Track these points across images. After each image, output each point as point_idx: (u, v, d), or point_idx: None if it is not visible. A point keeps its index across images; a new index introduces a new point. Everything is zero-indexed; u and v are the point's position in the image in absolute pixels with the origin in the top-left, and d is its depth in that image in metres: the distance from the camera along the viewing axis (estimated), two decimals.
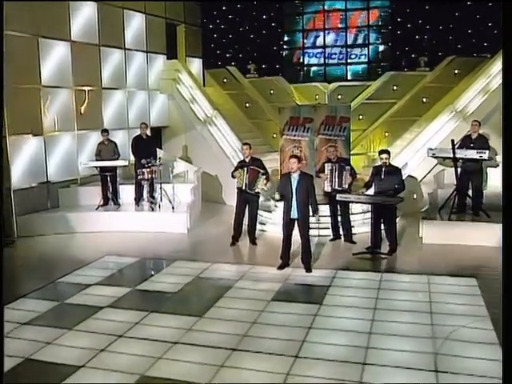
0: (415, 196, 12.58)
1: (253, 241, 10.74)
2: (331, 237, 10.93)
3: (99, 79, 14.02)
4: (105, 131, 12.76)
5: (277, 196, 8.97)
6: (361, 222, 11.43)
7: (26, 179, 12.08)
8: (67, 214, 12.21)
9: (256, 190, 10.44)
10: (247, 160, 10.64)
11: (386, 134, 15.05)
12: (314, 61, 19.04)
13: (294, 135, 12.74)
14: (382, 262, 9.51)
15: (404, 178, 12.76)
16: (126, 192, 13.09)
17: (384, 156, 9.76)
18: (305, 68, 19.13)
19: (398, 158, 13.12)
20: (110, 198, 12.76)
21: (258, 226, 11.23)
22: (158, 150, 13.51)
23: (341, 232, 10.92)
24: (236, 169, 10.68)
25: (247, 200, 10.60)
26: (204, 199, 14.09)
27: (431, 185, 12.28)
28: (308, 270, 8.92)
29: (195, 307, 7.56)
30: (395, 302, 7.47)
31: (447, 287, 8.01)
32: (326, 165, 10.76)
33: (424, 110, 14.93)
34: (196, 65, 18.07)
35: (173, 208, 12.24)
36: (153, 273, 9.11)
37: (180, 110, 15.95)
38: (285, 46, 19.47)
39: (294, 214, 8.84)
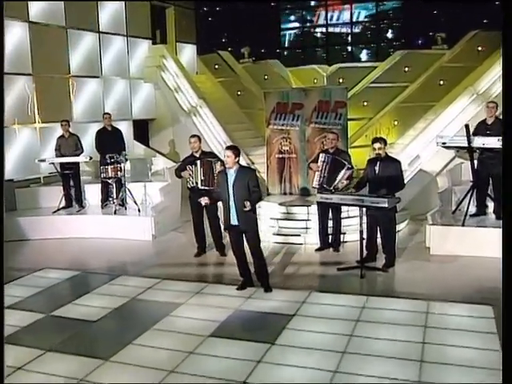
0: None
1: (221, 251, 8.69)
2: (318, 246, 8.80)
3: (66, 66, 12.18)
4: (64, 122, 10.88)
5: (216, 196, 7.09)
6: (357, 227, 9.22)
7: None
8: (18, 218, 10.39)
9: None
10: (198, 155, 8.56)
11: (396, 123, 12.72)
12: (314, 42, 16.77)
13: (282, 124, 10.69)
14: (372, 280, 7.35)
15: (415, 172, 10.66)
16: (94, 193, 11.20)
17: (377, 146, 7.60)
18: (305, 50, 16.88)
19: (409, 148, 10.87)
20: (74, 200, 10.91)
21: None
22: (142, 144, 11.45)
23: (330, 240, 8.77)
24: (182, 167, 8.61)
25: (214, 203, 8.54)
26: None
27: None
28: (267, 289, 6.87)
29: (105, 345, 5.62)
30: (373, 345, 5.31)
31: (453, 320, 5.82)
32: (320, 155, 8.58)
33: (441, 94, 12.52)
34: (188, 51, 16.08)
35: (139, 211, 10.30)
36: (83, 292, 7.15)
37: (166, 100, 14.00)
38: (283, 27, 17.26)
39: (234, 220, 6.79)
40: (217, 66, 15.23)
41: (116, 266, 8.41)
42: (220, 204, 7.31)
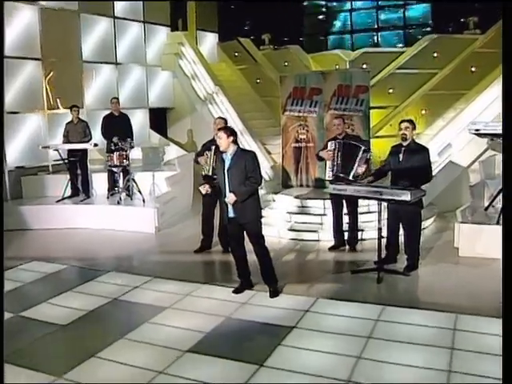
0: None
1: (226, 248, 7.44)
2: (332, 244, 7.47)
3: (78, 51, 11.10)
4: (75, 107, 9.81)
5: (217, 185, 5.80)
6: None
7: None
8: (21, 206, 9.39)
9: None
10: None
11: (424, 112, 11.20)
12: (338, 27, 15.29)
13: (299, 111, 9.37)
14: (391, 285, 6.00)
15: (444, 164, 9.20)
16: (103, 182, 10.08)
17: (404, 125, 6.23)
18: (328, 36, 15.41)
19: (437, 139, 9.41)
20: (80, 189, 9.85)
21: None
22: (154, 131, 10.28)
23: (345, 237, 7.45)
24: (200, 152, 7.42)
25: (217, 194, 7.31)
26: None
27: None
28: (273, 293, 5.59)
29: (63, 357, 4.49)
30: (386, 372, 4.01)
31: (486, 340, 4.45)
32: (329, 143, 7.30)
33: (473, 81, 10.96)
34: (210, 39, 14.84)
35: (144, 202, 9.16)
36: (64, 290, 6.03)
37: (184, 89, 12.83)
38: (306, 12, 15.79)
39: (231, 211, 5.58)
40: (237, 54, 13.95)
41: (109, 260, 7.30)
42: None
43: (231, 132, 5.51)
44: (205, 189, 5.82)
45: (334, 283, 6.00)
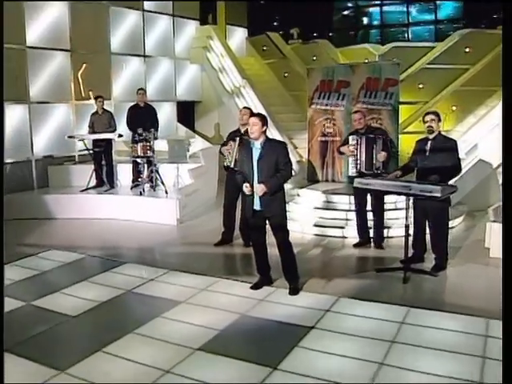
0: None
1: (247, 242, 7.08)
2: (357, 241, 7.03)
3: (107, 43, 10.86)
4: (100, 98, 9.56)
5: (240, 180, 5.31)
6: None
7: (4, 153, 9.16)
8: (46, 195, 9.20)
9: None
10: (243, 131, 6.96)
11: (454, 108, 10.61)
12: (368, 22, 14.69)
13: (326, 104, 8.93)
14: (417, 285, 5.53)
15: (474, 162, 8.65)
16: (128, 172, 9.82)
17: (429, 117, 5.76)
18: (358, 31, 14.83)
19: (468, 135, 8.84)
20: (105, 179, 9.61)
21: None
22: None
23: (371, 235, 6.99)
24: (226, 142, 7.08)
25: (239, 186, 6.92)
26: None
27: None
28: (293, 291, 5.19)
29: (68, 350, 4.16)
30: (411, 379, 3.59)
31: None
32: (350, 137, 6.86)
33: None
34: (239, 34, 14.47)
35: (166, 193, 8.84)
36: (78, 280, 5.74)
37: (212, 82, 12.50)
38: (335, 7, 15.23)
39: (258, 204, 5.18)
40: (265, 48, 13.53)
41: (127, 251, 7.06)
42: None
43: (265, 121, 5.11)
44: (248, 189, 5.17)
45: (358, 282, 5.56)
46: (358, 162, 6.64)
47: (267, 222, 5.23)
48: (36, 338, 4.35)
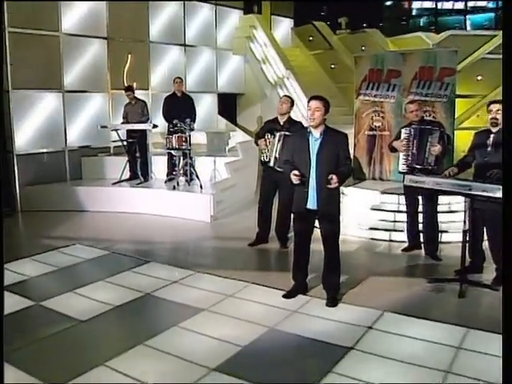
0: None
1: (284, 243, 6.43)
2: (406, 246, 6.27)
3: (146, 31, 10.42)
4: (129, 89, 9.12)
5: (287, 169, 4.60)
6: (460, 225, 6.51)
7: (37, 143, 8.89)
8: (78, 187, 8.84)
9: None
10: (282, 121, 6.31)
11: None
12: (421, 9, 13.67)
13: (375, 95, 8.15)
14: (475, 301, 4.73)
15: None
16: (163, 165, 9.36)
17: (495, 107, 4.94)
18: (409, 19, 13.82)
19: None
20: (139, 171, 9.17)
21: None
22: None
23: (421, 239, 6.20)
24: (261, 133, 6.44)
25: (277, 183, 6.29)
26: None
27: None
28: (331, 302, 4.51)
29: (68, 362, 3.62)
30: None
31: None
32: (403, 130, 6.09)
33: None
34: (284, 24, 13.80)
35: (201, 188, 8.30)
36: (96, 279, 5.25)
37: (254, 73, 11.90)
38: None
39: (313, 203, 4.48)
40: (311, 38, 12.81)
41: (153, 249, 6.53)
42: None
43: (328, 106, 4.46)
44: (296, 178, 4.39)
45: (406, 294, 4.81)
46: (409, 155, 5.87)
47: (317, 223, 4.58)
48: (36, 344, 3.87)
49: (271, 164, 6.16)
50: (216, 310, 4.45)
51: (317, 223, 4.62)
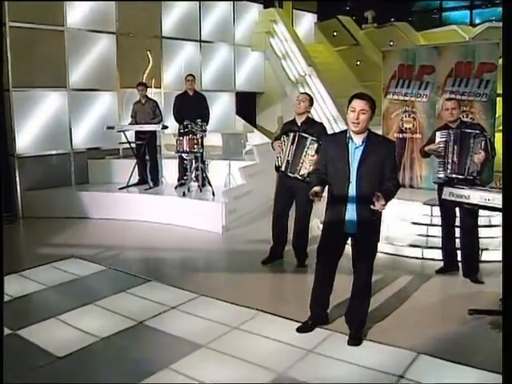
0: None
1: (301, 260, 5.72)
2: (441, 266, 5.48)
3: (158, 26, 9.82)
4: (141, 86, 8.52)
5: (313, 181, 3.81)
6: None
7: (40, 145, 8.36)
8: (81, 193, 8.28)
9: (303, 172, 5.42)
10: (300, 122, 5.61)
11: None
12: (454, 1, 12.76)
13: (405, 94, 7.38)
14: None
15: None
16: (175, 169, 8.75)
17: None
18: (442, 12, 12.92)
19: None
20: (148, 176, 8.57)
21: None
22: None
23: (459, 257, 5.41)
24: (279, 135, 5.77)
25: (292, 191, 5.61)
26: None
27: None
28: (354, 340, 3.78)
29: None
30: None
31: None
32: (437, 133, 5.30)
33: None
34: (307, 19, 13.07)
35: (213, 195, 7.64)
36: (86, 302, 4.62)
37: (275, 71, 11.21)
38: None
39: (350, 226, 3.71)
40: (335, 34, 12.05)
41: (156, 265, 5.91)
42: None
43: (374, 108, 3.65)
44: (317, 197, 3.61)
45: (443, 330, 4.05)
46: (448, 163, 5.10)
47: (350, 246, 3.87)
48: None
49: (283, 169, 5.49)
50: (216, 346, 3.76)
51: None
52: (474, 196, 4.11)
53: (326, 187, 3.79)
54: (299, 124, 5.56)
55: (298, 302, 4.44)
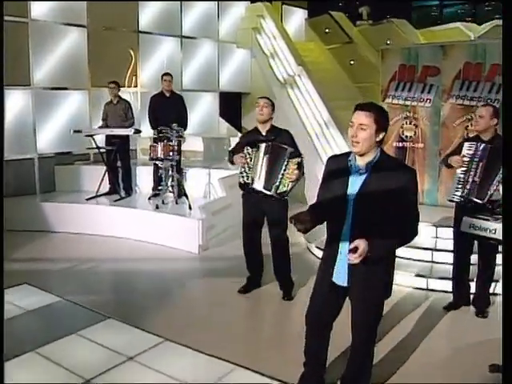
0: None
1: (287, 292, 4.91)
2: (450, 301, 4.69)
3: (134, 19, 8.95)
4: (113, 84, 7.68)
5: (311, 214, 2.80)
6: None
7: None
8: (43, 203, 7.42)
9: (281, 190, 4.60)
10: (264, 131, 4.78)
11: None
12: None
13: (406, 98, 6.61)
14: None
15: None
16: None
17: None
18: (443, 8, 12.20)
19: None
20: (121, 185, 7.75)
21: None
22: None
23: (472, 290, 4.64)
24: (238, 147, 4.90)
25: (264, 211, 4.80)
26: None
27: None
28: None
29: None
30: None
31: None
32: (465, 144, 4.44)
33: None
34: (297, 16, 12.27)
35: (190, 208, 6.82)
36: (23, 349, 3.77)
37: (262, 70, 10.41)
38: None
39: (342, 276, 2.85)
40: (327, 31, 11.27)
41: (118, 296, 5.07)
42: None
43: (386, 119, 2.80)
44: (303, 226, 2.69)
45: None
46: (468, 182, 4.29)
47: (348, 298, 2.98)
48: None
49: (256, 186, 4.65)
50: None
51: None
52: (500, 229, 3.32)
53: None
54: (264, 133, 4.73)
55: (285, 351, 3.66)
